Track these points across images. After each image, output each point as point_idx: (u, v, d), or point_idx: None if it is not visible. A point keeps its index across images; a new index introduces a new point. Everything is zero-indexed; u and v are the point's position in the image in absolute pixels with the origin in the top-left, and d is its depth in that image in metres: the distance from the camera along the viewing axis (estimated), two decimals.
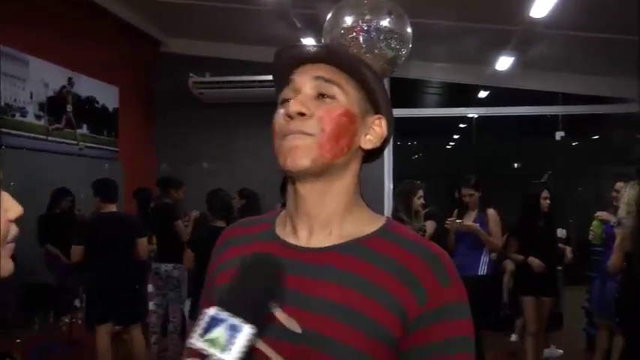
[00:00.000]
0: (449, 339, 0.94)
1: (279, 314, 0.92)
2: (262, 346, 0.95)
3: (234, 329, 0.79)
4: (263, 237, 1.10)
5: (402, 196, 5.11)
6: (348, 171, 1.05)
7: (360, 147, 1.05)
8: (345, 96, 1.02)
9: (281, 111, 1.03)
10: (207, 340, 0.79)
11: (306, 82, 1.03)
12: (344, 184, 1.04)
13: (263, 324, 0.84)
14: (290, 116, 1.00)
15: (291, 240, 1.05)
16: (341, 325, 0.93)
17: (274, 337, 0.95)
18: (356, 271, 0.96)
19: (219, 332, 0.79)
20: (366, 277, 0.96)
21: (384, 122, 1.07)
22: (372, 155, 1.11)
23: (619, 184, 5.13)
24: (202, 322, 0.81)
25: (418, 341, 0.93)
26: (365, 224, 1.04)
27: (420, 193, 5.07)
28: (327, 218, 1.03)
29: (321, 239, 1.03)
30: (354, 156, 1.05)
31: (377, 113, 1.07)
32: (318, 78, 1.02)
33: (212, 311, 0.81)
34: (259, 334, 0.82)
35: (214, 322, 0.80)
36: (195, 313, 4.59)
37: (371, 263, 0.97)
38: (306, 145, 0.99)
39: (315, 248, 1.02)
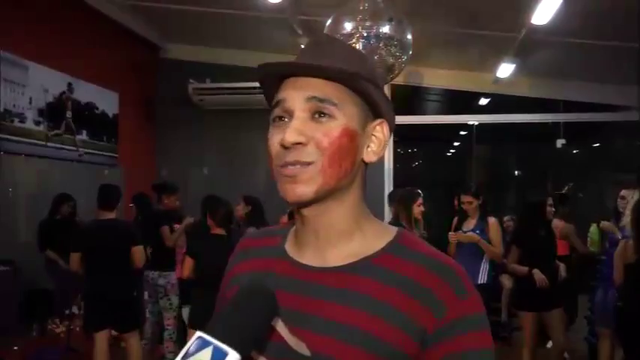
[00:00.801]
0: (471, 351, 0.90)
1: (288, 337, 0.89)
2: (256, 356, 0.93)
3: (219, 354, 0.77)
4: (273, 253, 1.07)
5: (401, 204, 5.08)
6: (353, 187, 0.99)
7: (362, 160, 0.99)
8: (342, 112, 0.94)
9: (275, 136, 0.96)
10: None
11: (297, 102, 0.94)
12: (350, 200, 1.00)
13: (251, 354, 0.82)
14: (285, 146, 0.93)
15: (301, 258, 1.02)
16: (353, 348, 0.89)
17: (279, 358, 0.92)
18: (368, 293, 0.93)
19: (203, 355, 0.77)
20: (379, 298, 0.92)
21: (385, 126, 1.00)
22: None
23: (625, 192, 5.08)
24: (188, 344, 0.79)
25: (440, 355, 0.90)
26: (375, 239, 1.00)
27: (420, 200, 5.06)
28: (335, 237, 0.99)
29: (330, 258, 0.99)
30: (357, 171, 0.99)
31: (377, 117, 1.00)
32: (311, 99, 0.93)
33: (199, 334, 0.79)
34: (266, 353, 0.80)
35: (200, 345, 0.78)
36: (195, 322, 4.54)
37: (383, 284, 0.93)
38: (307, 175, 0.93)
39: (324, 268, 0.98)
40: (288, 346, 0.91)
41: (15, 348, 5.60)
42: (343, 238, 0.99)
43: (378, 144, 0.99)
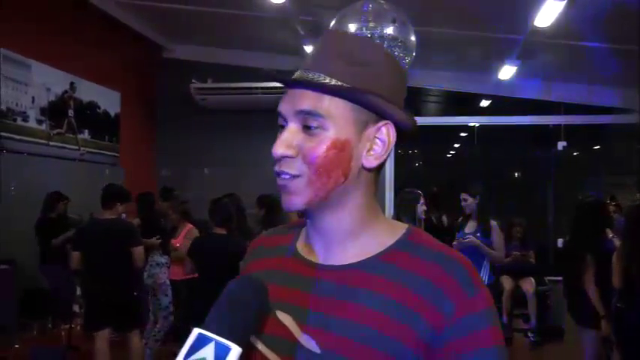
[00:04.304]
0: (482, 349, 0.90)
1: (297, 333, 0.91)
2: (263, 349, 0.94)
3: (222, 350, 0.78)
4: (285, 252, 1.07)
5: (404, 205, 5.08)
6: (355, 193, 0.98)
7: (363, 167, 0.97)
8: (332, 122, 0.93)
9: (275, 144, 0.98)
10: None
11: (290, 114, 0.95)
12: (354, 203, 0.99)
13: (248, 346, 0.83)
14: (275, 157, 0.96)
15: (310, 257, 1.02)
16: (363, 346, 0.90)
17: (287, 354, 0.94)
18: (378, 291, 0.93)
19: (206, 352, 0.77)
20: (389, 296, 0.92)
21: (390, 128, 0.97)
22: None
23: None
24: (189, 342, 0.79)
25: (450, 354, 0.89)
26: (384, 237, 0.99)
27: (422, 201, 5.05)
28: (342, 235, 0.99)
29: (339, 256, 0.99)
30: (357, 178, 0.97)
31: (382, 119, 0.97)
32: (300, 112, 0.93)
33: (198, 330, 0.79)
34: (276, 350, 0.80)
35: (201, 342, 0.78)
36: (195, 319, 4.54)
37: (393, 281, 0.93)
38: (295, 187, 0.95)
39: (333, 266, 0.98)
40: (294, 339, 0.93)
41: (16, 346, 5.60)
42: (350, 238, 0.99)
43: (382, 146, 0.97)
